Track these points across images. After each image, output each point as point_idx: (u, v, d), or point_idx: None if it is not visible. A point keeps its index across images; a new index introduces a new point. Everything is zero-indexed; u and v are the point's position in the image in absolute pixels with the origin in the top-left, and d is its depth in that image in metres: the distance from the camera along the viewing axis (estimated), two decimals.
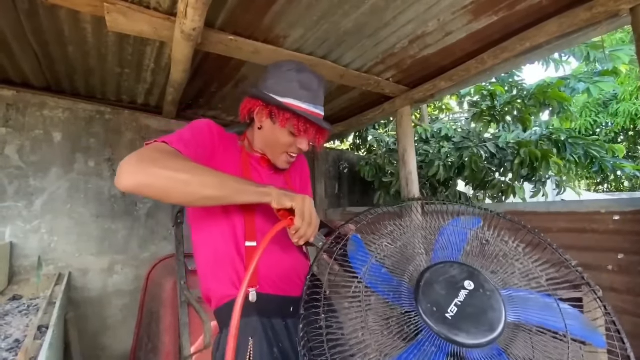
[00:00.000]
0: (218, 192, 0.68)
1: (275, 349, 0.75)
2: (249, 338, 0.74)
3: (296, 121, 0.87)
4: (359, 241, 0.73)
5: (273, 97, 0.88)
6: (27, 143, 2.24)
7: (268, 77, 0.93)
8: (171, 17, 1.46)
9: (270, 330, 0.77)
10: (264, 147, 0.95)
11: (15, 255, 2.14)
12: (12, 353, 1.03)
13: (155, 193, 0.65)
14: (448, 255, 0.67)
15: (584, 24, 1.45)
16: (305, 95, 0.89)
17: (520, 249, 0.72)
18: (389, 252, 0.69)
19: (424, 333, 0.54)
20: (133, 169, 0.63)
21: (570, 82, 3.20)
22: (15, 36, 1.66)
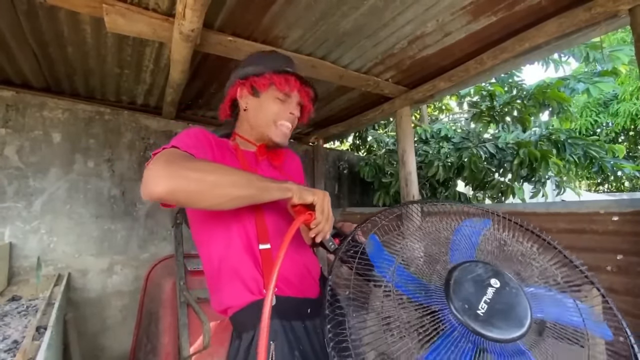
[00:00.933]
0: (246, 191, 0.67)
1: (296, 351, 0.74)
2: (270, 342, 0.72)
3: (277, 78, 0.88)
4: (377, 242, 0.73)
5: (249, 67, 0.93)
6: (27, 144, 2.24)
7: (241, 66, 0.98)
8: (170, 18, 1.46)
9: (290, 333, 0.76)
10: (255, 127, 0.93)
11: (15, 255, 2.14)
12: (11, 354, 1.03)
13: (187, 197, 0.62)
14: (464, 255, 0.68)
15: (583, 24, 1.45)
16: (280, 63, 0.93)
17: (535, 249, 0.73)
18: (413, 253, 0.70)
19: (459, 329, 0.55)
20: (163, 173, 0.60)
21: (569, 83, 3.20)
22: (14, 37, 1.67)
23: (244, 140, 0.96)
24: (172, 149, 0.69)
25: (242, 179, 0.68)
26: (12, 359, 0.98)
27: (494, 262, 0.67)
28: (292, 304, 0.79)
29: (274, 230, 0.82)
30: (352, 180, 3.93)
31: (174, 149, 0.69)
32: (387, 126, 4.82)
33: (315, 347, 0.78)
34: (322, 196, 0.73)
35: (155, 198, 0.61)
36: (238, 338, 0.77)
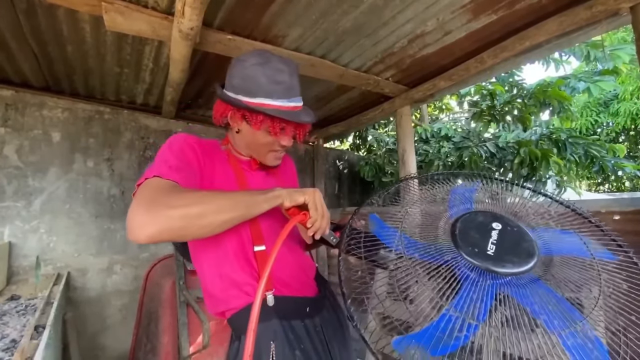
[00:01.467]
0: (233, 213, 0.66)
1: (297, 351, 0.74)
2: (270, 342, 0.72)
3: (270, 122, 0.81)
4: (377, 219, 0.75)
5: (240, 101, 0.81)
6: (26, 143, 2.23)
7: (233, 74, 0.84)
8: (169, 17, 1.45)
9: (290, 332, 0.76)
10: (247, 149, 0.90)
11: (14, 255, 2.14)
12: (8, 353, 1.03)
13: (174, 235, 0.61)
14: (462, 209, 0.73)
15: (584, 22, 1.45)
16: (276, 90, 0.81)
17: (526, 193, 0.78)
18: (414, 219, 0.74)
19: (475, 271, 0.59)
20: (144, 219, 0.58)
21: (570, 82, 3.20)
22: (13, 36, 1.66)
23: (236, 150, 0.93)
24: (153, 181, 0.66)
25: (227, 202, 0.66)
26: (10, 358, 0.98)
27: (491, 209, 0.72)
28: (291, 304, 0.79)
29: (269, 232, 0.82)
30: (352, 180, 3.93)
31: (155, 181, 0.66)
32: (387, 125, 4.82)
33: (317, 346, 0.78)
34: (313, 193, 0.73)
35: (142, 243, 0.63)
36: (237, 340, 0.76)
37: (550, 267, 0.62)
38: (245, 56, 0.85)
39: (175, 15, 1.34)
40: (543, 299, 0.55)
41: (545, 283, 0.58)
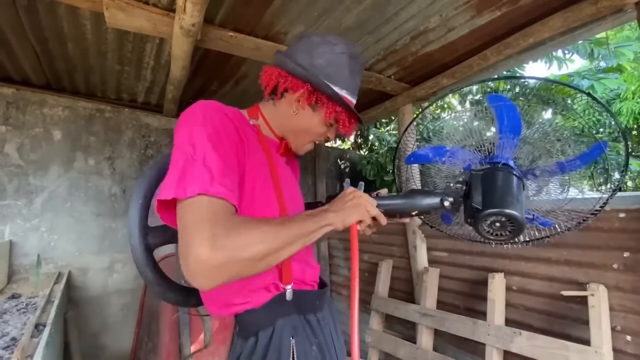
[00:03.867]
0: (293, 248, 0.62)
1: (313, 346, 0.72)
2: (290, 337, 0.69)
3: (344, 115, 0.80)
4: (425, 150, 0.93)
5: (328, 85, 0.76)
6: (27, 141, 2.23)
7: (316, 53, 0.77)
8: (170, 13, 1.45)
9: (308, 327, 0.74)
10: (289, 132, 0.83)
11: (15, 253, 2.13)
12: (9, 351, 1.02)
13: (239, 278, 0.59)
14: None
15: (589, 18, 1.43)
16: (352, 85, 0.81)
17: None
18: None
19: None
20: (213, 263, 0.52)
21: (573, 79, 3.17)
22: (14, 33, 1.65)
23: (267, 126, 0.84)
24: (203, 203, 0.55)
25: (287, 237, 0.61)
26: (10, 356, 0.97)
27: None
28: (306, 297, 0.76)
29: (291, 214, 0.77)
30: (353, 179, 3.90)
31: (205, 202, 0.55)
32: (389, 124, 4.80)
33: (327, 339, 0.77)
34: (364, 210, 0.71)
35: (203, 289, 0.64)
36: (254, 336, 0.70)
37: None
38: (332, 39, 0.80)
39: (177, 11, 1.33)
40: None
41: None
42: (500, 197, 0.76)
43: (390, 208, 0.79)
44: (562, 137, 0.93)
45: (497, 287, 1.67)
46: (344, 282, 2.92)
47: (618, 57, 3.05)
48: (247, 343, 0.71)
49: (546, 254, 1.58)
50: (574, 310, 1.46)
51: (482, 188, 0.79)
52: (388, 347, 2.13)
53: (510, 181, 0.80)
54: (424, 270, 2.10)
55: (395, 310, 2.17)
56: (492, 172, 0.82)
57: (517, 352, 1.50)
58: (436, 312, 1.92)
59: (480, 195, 0.78)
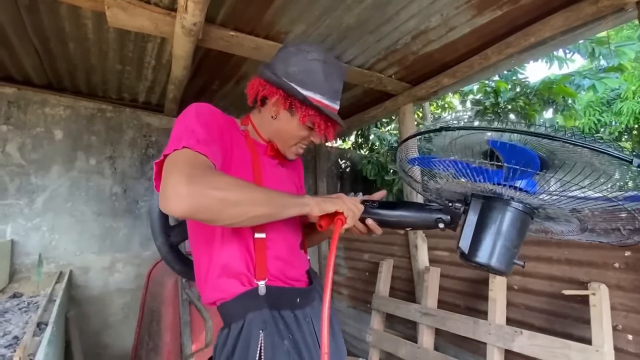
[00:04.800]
0: (266, 210, 0.65)
1: (285, 341, 0.74)
2: (259, 331, 0.72)
3: (318, 119, 0.83)
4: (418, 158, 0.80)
5: (297, 90, 0.81)
6: (28, 141, 2.23)
7: (290, 62, 0.83)
8: (172, 12, 1.45)
9: (280, 322, 0.76)
10: (274, 136, 0.89)
11: (17, 253, 2.13)
12: (11, 349, 1.02)
13: (207, 216, 0.61)
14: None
15: (590, 18, 1.44)
16: (328, 89, 0.83)
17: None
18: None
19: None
20: (186, 191, 0.57)
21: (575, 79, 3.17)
22: (16, 32, 1.66)
23: (255, 132, 0.91)
24: (186, 153, 0.63)
25: (262, 196, 0.66)
26: (12, 354, 0.97)
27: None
28: (282, 294, 0.79)
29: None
30: (354, 179, 3.91)
31: (188, 152, 0.63)
32: (389, 124, 4.80)
33: (306, 336, 0.78)
34: (343, 203, 0.74)
35: (175, 216, 0.61)
36: (227, 327, 0.76)
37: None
38: (306, 47, 0.85)
39: (178, 10, 1.34)
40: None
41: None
42: (491, 246, 0.66)
43: (381, 220, 0.79)
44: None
45: (498, 287, 1.67)
46: (344, 281, 2.92)
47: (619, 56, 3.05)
48: (222, 333, 0.76)
49: (547, 253, 1.58)
50: (575, 309, 1.46)
51: (475, 224, 0.69)
52: (389, 347, 2.13)
53: (510, 224, 0.67)
54: (425, 270, 2.10)
55: (396, 310, 2.17)
56: (492, 206, 0.68)
57: (518, 352, 1.50)
58: (437, 311, 1.93)
59: (471, 235, 0.69)
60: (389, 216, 0.78)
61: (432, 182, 0.83)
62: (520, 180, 0.66)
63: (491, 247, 0.66)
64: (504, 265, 0.66)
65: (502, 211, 0.67)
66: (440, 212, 0.74)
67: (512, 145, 0.63)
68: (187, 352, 1.80)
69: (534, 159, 0.62)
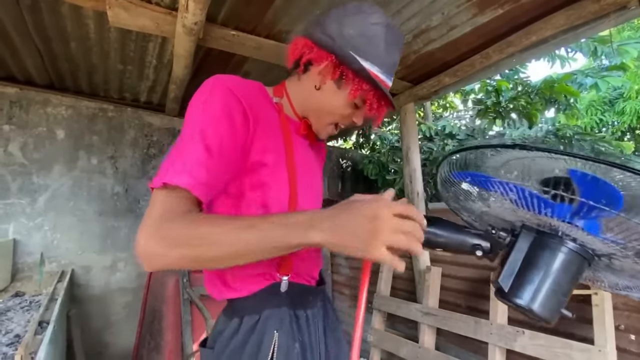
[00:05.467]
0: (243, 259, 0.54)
1: (297, 343, 0.68)
2: (274, 331, 0.66)
3: (372, 95, 0.69)
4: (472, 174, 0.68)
5: (354, 57, 0.66)
6: (30, 140, 2.24)
7: (347, 22, 0.68)
8: (173, 12, 1.45)
9: (294, 322, 0.70)
10: (311, 111, 0.75)
11: (19, 252, 2.14)
12: (12, 348, 1.02)
13: (185, 266, 0.56)
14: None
15: (592, 16, 1.43)
16: (388, 62, 0.69)
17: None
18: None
19: None
20: (154, 252, 0.52)
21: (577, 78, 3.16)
22: (18, 32, 1.67)
23: (290, 105, 0.77)
24: (165, 194, 0.55)
25: (239, 246, 0.52)
26: (14, 352, 0.97)
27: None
28: (300, 292, 0.72)
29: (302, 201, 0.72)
30: (355, 178, 3.91)
31: (167, 193, 0.55)
32: (390, 123, 4.80)
33: (312, 338, 0.72)
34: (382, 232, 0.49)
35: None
36: (239, 318, 0.68)
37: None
38: (368, 8, 0.69)
39: (179, 10, 1.34)
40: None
41: None
42: (536, 289, 0.56)
43: None
44: None
45: None
46: (345, 281, 2.92)
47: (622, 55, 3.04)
48: (230, 323, 0.68)
49: None
50: (578, 309, 1.46)
51: (522, 260, 0.59)
52: (390, 346, 2.13)
53: (563, 267, 0.57)
54: (427, 269, 2.09)
55: (397, 310, 2.17)
56: (546, 243, 0.58)
57: (520, 351, 1.50)
58: (438, 311, 1.92)
59: (514, 272, 0.59)
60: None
61: (480, 203, 0.70)
62: (582, 220, 0.56)
63: (536, 290, 0.57)
64: (549, 312, 0.56)
65: (556, 251, 0.57)
66: (479, 238, 0.63)
67: (595, 179, 0.53)
68: (188, 352, 1.80)
69: (619, 198, 0.52)
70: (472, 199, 0.72)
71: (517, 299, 0.57)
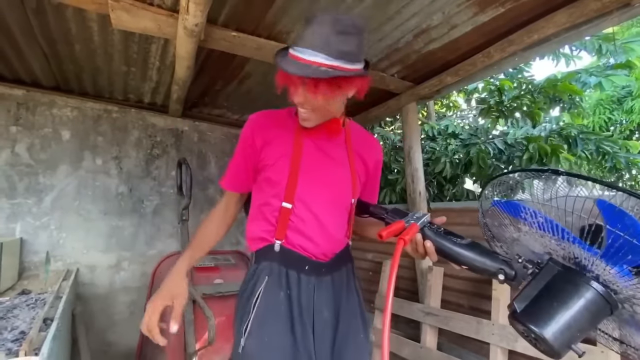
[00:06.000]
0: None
1: (282, 292, 0.88)
2: (265, 276, 0.90)
3: (278, 74, 0.82)
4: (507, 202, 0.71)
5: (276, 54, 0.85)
6: (37, 141, 2.28)
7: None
8: (174, 14, 1.47)
9: (284, 277, 0.90)
10: None
11: (25, 251, 2.18)
12: (17, 344, 1.05)
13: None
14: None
15: (595, 14, 1.41)
16: (299, 39, 0.79)
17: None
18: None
19: None
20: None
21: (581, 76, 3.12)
22: (24, 35, 1.70)
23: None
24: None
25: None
26: (18, 348, 0.99)
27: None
28: (293, 257, 0.91)
29: (302, 193, 0.91)
30: None
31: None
32: (393, 123, 4.79)
33: (302, 296, 0.89)
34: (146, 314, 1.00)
35: None
36: (254, 265, 0.95)
37: None
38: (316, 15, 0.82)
39: (180, 12, 1.35)
40: None
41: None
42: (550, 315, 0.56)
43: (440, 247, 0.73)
44: None
45: (501, 287, 1.66)
46: None
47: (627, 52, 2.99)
48: (250, 269, 0.96)
49: None
50: None
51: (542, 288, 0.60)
52: (392, 346, 2.13)
53: (584, 305, 0.56)
54: (429, 269, 2.09)
55: (399, 309, 2.17)
56: (569, 279, 0.58)
57: (521, 352, 1.49)
58: (440, 311, 1.92)
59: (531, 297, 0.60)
60: (447, 247, 0.72)
61: (511, 229, 0.71)
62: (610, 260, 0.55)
63: (551, 318, 0.55)
64: (558, 343, 0.54)
65: (579, 287, 0.56)
66: (505, 264, 0.65)
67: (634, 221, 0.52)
68: (190, 350, 1.81)
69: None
70: (504, 224, 0.73)
71: (529, 321, 0.57)
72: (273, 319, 0.85)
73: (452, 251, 0.72)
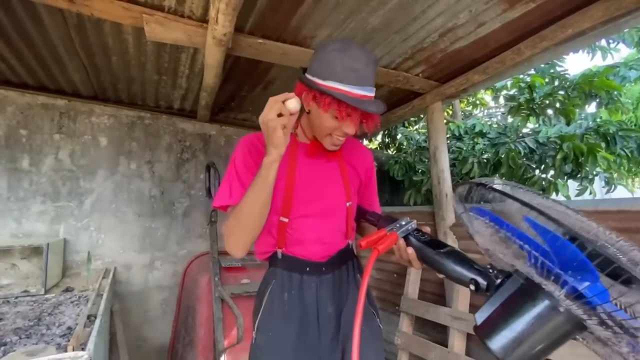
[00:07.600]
0: (256, 201, 0.87)
1: (286, 293, 0.98)
2: (272, 280, 1.00)
3: (337, 105, 0.84)
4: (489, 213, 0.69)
5: (313, 82, 0.87)
6: (78, 148, 2.43)
7: (313, 59, 0.91)
8: (203, 24, 1.52)
9: (287, 279, 0.99)
10: (312, 130, 0.98)
11: (68, 250, 2.33)
12: (65, 339, 1.12)
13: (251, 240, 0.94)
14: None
15: (634, 6, 1.34)
16: (348, 76, 0.84)
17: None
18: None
19: None
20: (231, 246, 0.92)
21: (620, 70, 2.94)
22: (66, 49, 1.82)
23: (303, 133, 1.03)
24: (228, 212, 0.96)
25: (247, 198, 0.87)
26: (67, 343, 1.07)
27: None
28: (294, 261, 1.00)
29: (298, 206, 0.98)
30: (381, 179, 3.88)
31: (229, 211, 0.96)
32: (417, 123, 4.71)
33: (305, 295, 0.98)
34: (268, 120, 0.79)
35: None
36: (267, 269, 1.05)
37: None
38: (327, 42, 0.90)
39: (209, 22, 1.40)
40: None
41: None
42: (501, 328, 0.55)
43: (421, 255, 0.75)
44: None
45: None
46: (372, 283, 2.91)
47: None
48: (269, 270, 1.05)
49: None
50: None
51: (502, 301, 0.58)
52: (418, 350, 2.10)
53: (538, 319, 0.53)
54: None
55: (425, 313, 2.13)
56: (529, 291, 0.55)
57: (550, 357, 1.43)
58: (468, 315, 1.87)
59: (492, 309, 0.59)
60: (427, 255, 0.74)
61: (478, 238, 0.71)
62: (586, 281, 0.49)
63: (500, 329, 0.55)
64: (504, 355, 0.54)
65: (536, 301, 0.53)
66: (479, 274, 0.66)
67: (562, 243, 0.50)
68: (220, 348, 1.87)
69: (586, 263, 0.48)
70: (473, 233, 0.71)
71: (483, 336, 0.57)
72: (278, 316, 0.97)
73: (429, 259, 0.74)
